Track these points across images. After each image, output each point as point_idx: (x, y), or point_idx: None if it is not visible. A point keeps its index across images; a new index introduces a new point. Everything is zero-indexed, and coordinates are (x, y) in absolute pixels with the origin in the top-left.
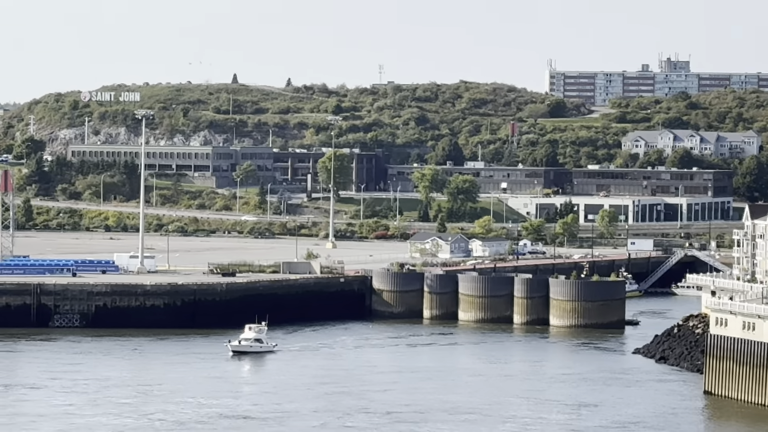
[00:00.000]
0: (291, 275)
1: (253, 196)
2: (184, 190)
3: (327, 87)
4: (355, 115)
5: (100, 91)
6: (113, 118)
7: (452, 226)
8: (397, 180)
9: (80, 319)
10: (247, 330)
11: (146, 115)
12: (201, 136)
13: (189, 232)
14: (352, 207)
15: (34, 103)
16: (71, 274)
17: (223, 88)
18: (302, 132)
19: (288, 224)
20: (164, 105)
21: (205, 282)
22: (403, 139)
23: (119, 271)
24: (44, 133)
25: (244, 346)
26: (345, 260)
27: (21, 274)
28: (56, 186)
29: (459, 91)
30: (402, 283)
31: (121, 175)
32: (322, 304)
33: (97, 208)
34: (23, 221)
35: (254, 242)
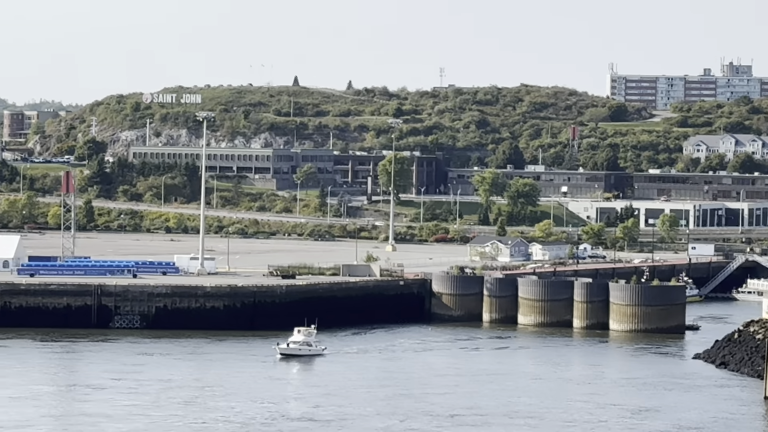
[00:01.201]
0: (350, 278)
1: (314, 199)
2: (244, 192)
3: (388, 90)
4: (415, 118)
5: (162, 93)
6: (174, 120)
7: (512, 229)
8: (458, 183)
9: (140, 320)
10: (296, 333)
11: (207, 117)
12: (262, 138)
13: (249, 234)
14: (412, 210)
15: (96, 104)
16: (132, 276)
17: (284, 90)
18: (363, 135)
19: (348, 227)
20: (225, 107)
21: (264, 284)
22: (464, 142)
23: (179, 272)
24: (106, 135)
25: (292, 349)
26: (404, 263)
27: (82, 275)
28: (117, 187)
29: (520, 95)
30: (461, 286)
31: (181, 176)
32: (382, 307)
33: (157, 210)
34: (84, 222)
35: (314, 245)
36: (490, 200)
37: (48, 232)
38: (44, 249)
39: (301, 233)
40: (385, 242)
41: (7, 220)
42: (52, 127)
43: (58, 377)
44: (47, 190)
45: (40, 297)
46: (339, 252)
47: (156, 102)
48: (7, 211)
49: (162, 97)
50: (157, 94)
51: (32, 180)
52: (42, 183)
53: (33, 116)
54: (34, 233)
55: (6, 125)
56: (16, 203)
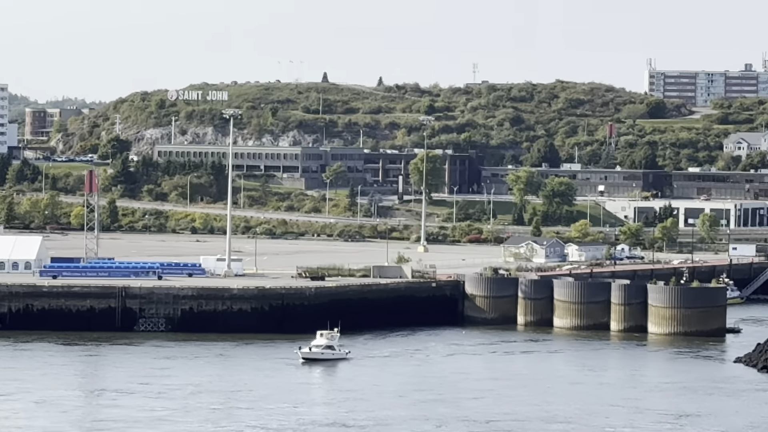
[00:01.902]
0: (381, 279)
1: (343, 198)
2: (272, 191)
3: (419, 86)
4: (448, 116)
5: (187, 90)
6: (200, 117)
7: (547, 230)
8: (491, 182)
9: (166, 323)
10: (318, 336)
11: (234, 114)
12: (290, 136)
13: (277, 235)
14: (444, 210)
15: (120, 101)
16: (157, 278)
17: (313, 87)
18: (394, 132)
19: (378, 227)
20: (252, 104)
21: (293, 286)
22: (498, 140)
23: (206, 274)
24: (130, 133)
25: (314, 353)
26: (437, 264)
27: (106, 276)
28: (142, 187)
29: (555, 91)
30: (495, 288)
31: (208, 175)
32: (414, 310)
33: (183, 210)
34: (108, 222)
35: (344, 245)
36: (524, 200)
37: (71, 232)
38: (67, 250)
39: (331, 234)
40: (417, 243)
41: (29, 221)
42: (75, 125)
43: (83, 381)
44: (70, 189)
45: (62, 299)
46: (369, 253)
47: (181, 99)
48: (29, 211)
49: (188, 94)
50: (183, 91)
51: (54, 179)
52: (65, 182)
53: (55, 114)
54: (56, 234)
55: (28, 123)
56: (38, 203)
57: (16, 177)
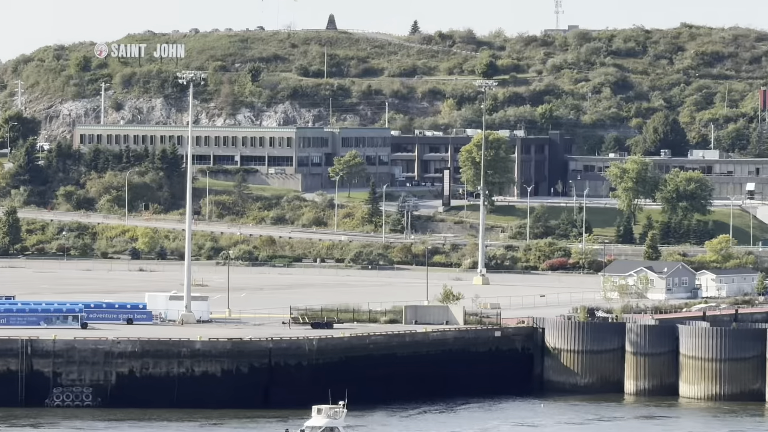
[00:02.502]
0: (418, 327)
1: (360, 205)
2: (252, 195)
3: (474, 35)
4: (517, 79)
5: (124, 43)
6: (144, 84)
7: (669, 250)
8: (584, 179)
9: (93, 394)
10: (315, 414)
11: (195, 79)
12: (280, 111)
13: (261, 260)
14: (513, 221)
15: (23, 61)
16: (80, 325)
17: (314, 37)
18: (435, 105)
19: (414, 248)
20: (223, 63)
21: (285, 337)
22: (593, 115)
23: (153, 319)
24: (38, 108)
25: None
26: (502, 303)
27: (2, 324)
28: (56, 189)
29: (680, 41)
30: (591, 338)
31: (156, 172)
32: (467, 372)
33: (118, 224)
34: (5, 243)
35: (361, 276)
36: (634, 205)
37: None
38: None
39: (342, 258)
40: (473, 271)
41: None
42: None
43: None
44: None
45: None
46: (400, 287)
47: (115, 57)
48: None
49: (124, 49)
50: (117, 45)
51: None
52: None
53: None
54: None
55: None
56: None
57: None
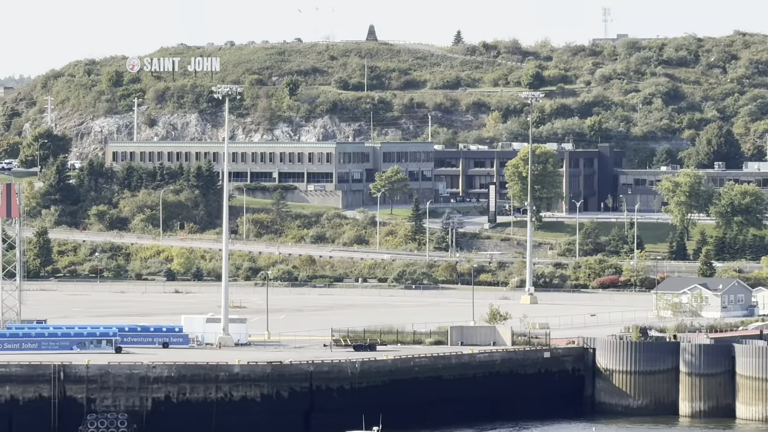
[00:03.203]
0: (464, 348)
1: (403, 222)
2: (291, 213)
3: (519, 45)
4: (565, 90)
5: (157, 57)
6: (178, 99)
7: (725, 266)
8: (635, 193)
9: (128, 420)
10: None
11: (231, 93)
12: (319, 126)
13: (301, 281)
14: (561, 237)
15: (53, 76)
16: (113, 349)
17: (354, 48)
18: (480, 117)
19: (459, 266)
20: (259, 77)
21: (327, 360)
22: (644, 127)
23: (190, 343)
24: (68, 125)
25: None
26: (551, 323)
27: (34, 349)
28: (88, 208)
29: (733, 49)
30: (644, 359)
31: (191, 190)
32: (515, 394)
33: (153, 244)
34: (36, 265)
35: (405, 296)
36: (687, 220)
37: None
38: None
39: (384, 278)
40: (520, 290)
41: None
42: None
43: None
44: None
45: None
46: (445, 307)
47: (148, 71)
48: None
49: (158, 63)
50: (151, 59)
51: None
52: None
53: None
54: None
55: None
56: None
57: None
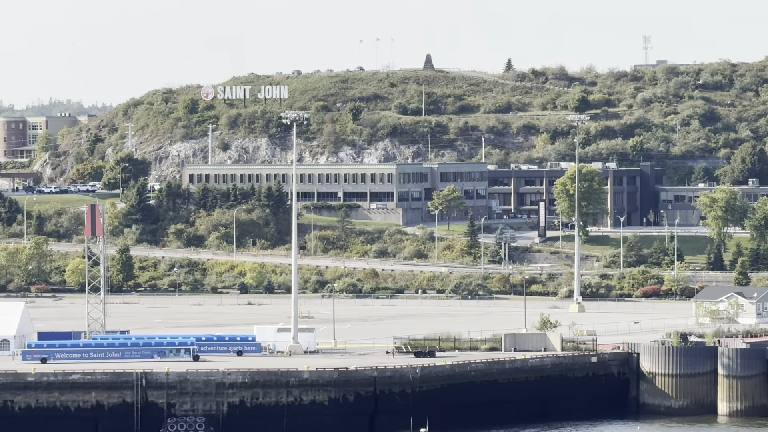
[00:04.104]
0: (517, 354)
1: (459, 237)
2: (355, 229)
3: (566, 71)
4: (609, 113)
5: (229, 85)
6: (249, 124)
7: (760, 276)
8: (675, 208)
9: (206, 423)
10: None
11: (298, 119)
12: (380, 148)
13: (365, 292)
14: (607, 250)
15: (133, 104)
16: (192, 358)
17: (412, 76)
18: (530, 139)
19: (512, 278)
20: (325, 103)
21: (389, 366)
22: (683, 147)
23: (262, 351)
24: (148, 149)
25: None
26: (598, 330)
27: (118, 358)
28: (167, 227)
29: (765, 74)
30: (684, 362)
31: (262, 209)
32: (565, 396)
33: (227, 259)
34: (119, 280)
35: (461, 305)
36: (724, 233)
37: (65, 295)
38: (60, 321)
39: (442, 289)
40: (569, 299)
41: (6, 280)
42: (69, 140)
43: None
44: (63, 233)
45: (56, 393)
46: (499, 316)
47: (221, 99)
48: (6, 267)
49: (230, 92)
50: (223, 87)
51: (41, 219)
52: (55, 223)
53: (40, 125)
54: (45, 298)
55: (0, 139)
56: (18, 255)
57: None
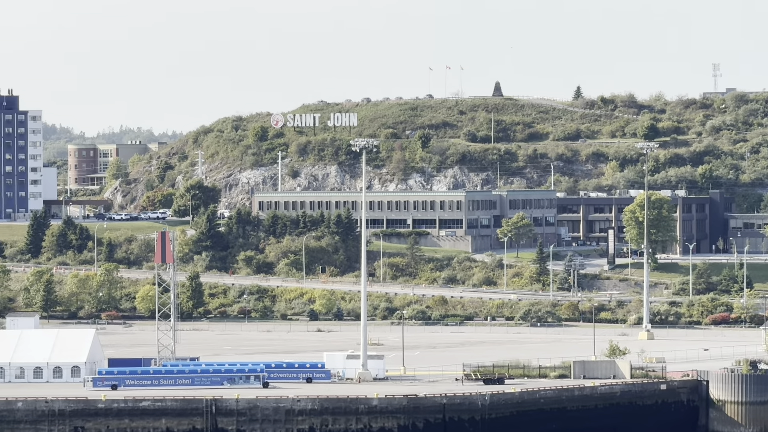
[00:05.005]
0: (586, 381)
1: (528, 265)
2: (425, 256)
3: (635, 99)
4: (678, 141)
5: (299, 113)
6: (319, 152)
7: None
8: (744, 236)
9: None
10: None
11: (367, 146)
12: (449, 176)
13: (434, 319)
14: (676, 277)
15: (203, 132)
16: (261, 384)
17: (481, 103)
18: (599, 167)
19: (581, 305)
20: (394, 131)
21: (459, 393)
22: (752, 174)
23: (331, 378)
24: (218, 177)
25: None
26: (667, 357)
27: (188, 385)
28: (237, 254)
29: None
30: (755, 390)
31: (331, 236)
32: (634, 423)
33: (296, 286)
34: (189, 307)
35: (531, 333)
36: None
37: (136, 322)
38: (131, 348)
39: (511, 316)
40: (638, 327)
41: (77, 307)
42: (139, 168)
43: None
44: (134, 260)
45: (126, 419)
46: (568, 343)
47: (291, 126)
48: (77, 293)
49: (300, 119)
50: (293, 115)
51: (112, 246)
52: (126, 251)
53: (111, 152)
54: (115, 324)
55: (72, 166)
56: (88, 281)
57: (57, 244)
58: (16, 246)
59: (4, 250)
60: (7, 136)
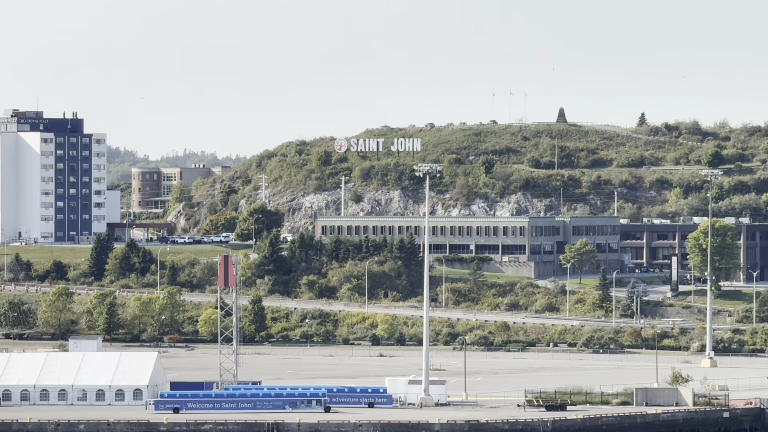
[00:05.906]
0: (649, 408)
1: (591, 291)
2: (487, 282)
3: (700, 126)
4: (742, 168)
5: (363, 138)
6: (382, 176)
7: None
8: None
9: None
10: None
11: (431, 172)
12: (512, 201)
13: (496, 345)
14: (740, 305)
15: (266, 156)
16: (323, 409)
17: (545, 129)
18: (663, 193)
19: (644, 332)
20: (457, 156)
21: (521, 419)
22: None
23: (393, 403)
24: (281, 201)
25: None
26: (730, 385)
27: (250, 409)
28: (299, 278)
29: None
30: None
31: (394, 261)
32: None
33: (359, 311)
34: (252, 330)
35: (593, 359)
36: None
37: (198, 345)
38: (193, 371)
39: (574, 342)
40: (701, 354)
41: (140, 330)
42: (203, 192)
43: None
44: (197, 284)
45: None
46: (630, 370)
47: (354, 151)
48: (140, 316)
49: (363, 144)
50: (357, 140)
51: (174, 270)
52: (189, 274)
53: (174, 175)
54: (178, 348)
55: (135, 189)
56: (151, 304)
57: (120, 267)
58: (80, 269)
59: (68, 272)
60: (71, 159)
